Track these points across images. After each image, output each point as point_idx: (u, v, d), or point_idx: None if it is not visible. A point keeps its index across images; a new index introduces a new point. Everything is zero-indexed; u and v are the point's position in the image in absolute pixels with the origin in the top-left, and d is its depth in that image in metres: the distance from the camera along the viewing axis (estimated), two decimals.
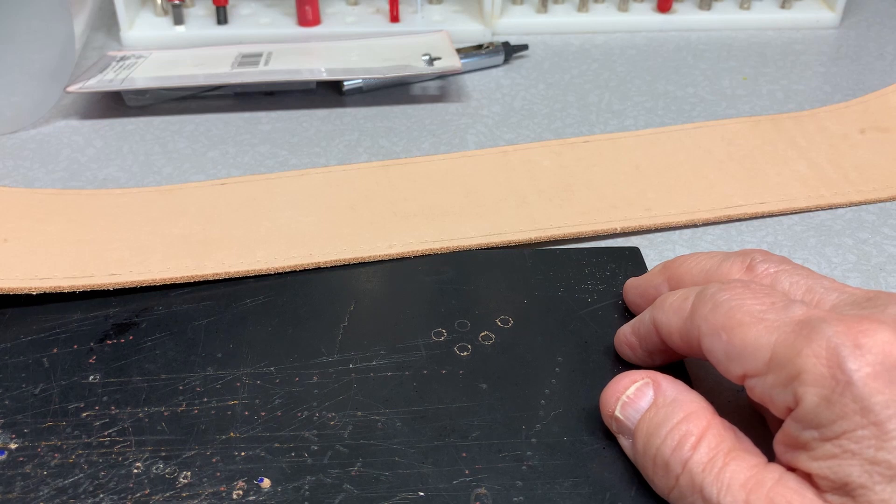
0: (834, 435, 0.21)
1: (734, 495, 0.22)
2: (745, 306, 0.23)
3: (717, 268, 0.27)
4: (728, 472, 0.22)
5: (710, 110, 0.45)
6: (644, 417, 0.24)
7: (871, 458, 0.20)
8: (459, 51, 0.48)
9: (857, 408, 0.20)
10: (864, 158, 0.40)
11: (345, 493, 0.25)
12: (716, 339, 0.23)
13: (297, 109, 0.46)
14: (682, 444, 0.23)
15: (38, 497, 0.25)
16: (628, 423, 0.25)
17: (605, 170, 0.40)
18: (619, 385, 0.25)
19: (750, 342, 0.22)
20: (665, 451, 0.23)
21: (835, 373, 0.21)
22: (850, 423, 0.20)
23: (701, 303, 0.24)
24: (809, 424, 0.21)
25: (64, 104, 0.46)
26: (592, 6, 0.55)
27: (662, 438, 0.23)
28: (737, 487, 0.22)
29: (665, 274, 0.29)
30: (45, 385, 0.28)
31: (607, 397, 0.26)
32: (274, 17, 0.54)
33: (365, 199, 0.38)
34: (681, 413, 0.24)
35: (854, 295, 0.24)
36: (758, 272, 0.26)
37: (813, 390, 0.21)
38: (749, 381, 0.23)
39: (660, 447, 0.23)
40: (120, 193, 0.39)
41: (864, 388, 0.20)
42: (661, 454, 0.23)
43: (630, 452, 0.25)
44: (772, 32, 0.54)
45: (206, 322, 0.31)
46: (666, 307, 0.26)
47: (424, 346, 0.30)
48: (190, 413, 0.27)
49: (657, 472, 0.23)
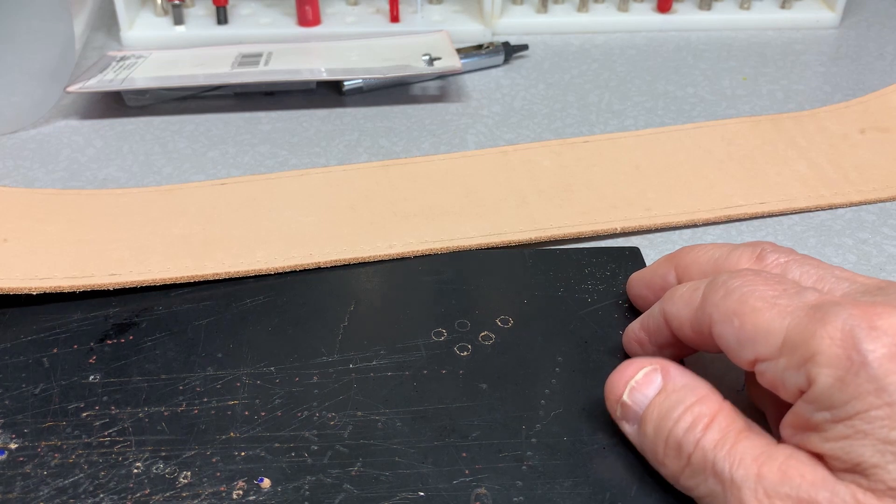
0: (847, 416, 0.21)
1: (746, 468, 0.22)
2: (758, 292, 0.23)
3: (727, 258, 0.27)
4: (740, 448, 0.22)
5: (710, 110, 0.45)
6: (654, 402, 0.24)
7: (884, 438, 0.20)
8: (459, 51, 0.48)
9: (872, 388, 0.20)
10: (864, 158, 0.40)
11: (345, 493, 0.25)
12: (727, 325, 0.23)
13: (297, 109, 0.46)
14: (695, 424, 0.23)
15: (38, 497, 0.25)
16: (636, 408, 0.25)
17: (605, 170, 0.40)
18: (627, 371, 0.25)
19: (762, 326, 0.23)
20: (678, 432, 0.23)
21: (850, 353, 0.21)
22: (864, 403, 0.20)
23: (712, 290, 0.24)
24: (822, 406, 0.21)
25: (64, 104, 0.46)
26: (592, 6, 0.55)
27: (675, 421, 0.23)
28: (749, 461, 0.22)
29: (672, 264, 0.29)
30: (45, 385, 0.28)
31: (614, 382, 0.26)
32: (274, 17, 0.54)
33: (365, 199, 0.38)
34: (692, 397, 0.24)
35: (865, 284, 0.24)
36: (767, 262, 0.26)
37: (827, 371, 0.21)
38: (760, 365, 0.23)
39: (672, 429, 0.23)
40: (120, 193, 0.39)
41: (880, 368, 0.20)
42: (674, 436, 0.23)
43: (635, 438, 0.25)
44: (772, 32, 0.54)
45: (206, 322, 0.31)
46: (676, 298, 0.26)
47: (424, 346, 0.30)
48: (190, 413, 0.27)
49: (668, 454, 0.24)
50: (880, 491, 0.20)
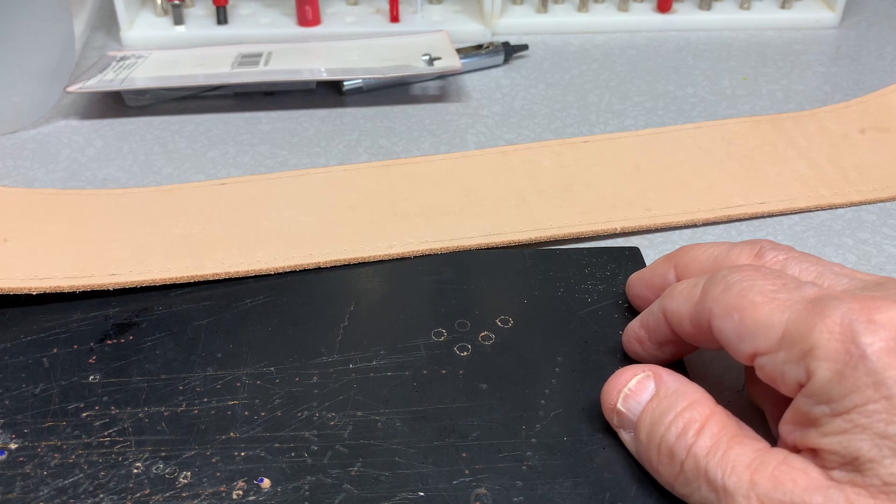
0: (845, 409, 0.21)
1: (739, 476, 0.22)
2: (757, 286, 0.23)
3: (726, 255, 0.27)
4: (732, 455, 0.22)
5: (710, 110, 0.45)
6: (647, 408, 0.24)
7: (881, 433, 0.20)
8: (459, 51, 0.48)
9: (870, 381, 0.20)
10: (864, 158, 0.40)
11: (345, 493, 0.25)
12: (727, 320, 0.23)
13: (297, 109, 0.46)
14: (686, 430, 0.23)
15: (38, 497, 0.25)
16: (630, 416, 0.25)
17: (605, 170, 0.40)
18: (620, 379, 0.25)
19: (762, 320, 0.23)
20: (669, 438, 0.23)
21: (848, 347, 0.21)
22: (862, 397, 0.20)
23: (712, 285, 0.24)
24: (821, 399, 0.21)
25: (64, 104, 0.46)
26: (592, 6, 0.55)
27: (666, 426, 0.23)
28: (741, 468, 0.22)
29: (671, 263, 0.29)
30: (45, 385, 0.28)
31: (608, 391, 0.26)
32: (274, 17, 0.54)
33: (365, 199, 0.38)
34: (684, 402, 0.24)
35: (864, 280, 0.24)
36: (766, 259, 0.26)
37: (825, 365, 0.21)
38: (759, 359, 0.23)
39: (664, 435, 0.23)
40: (120, 193, 0.39)
41: (878, 362, 0.20)
42: (666, 442, 0.23)
43: (632, 446, 0.25)
44: (772, 32, 0.54)
45: (206, 322, 0.31)
46: (675, 294, 0.26)
47: (424, 346, 0.30)
48: (190, 413, 0.27)
49: (662, 460, 0.24)
50: (875, 488, 0.20)
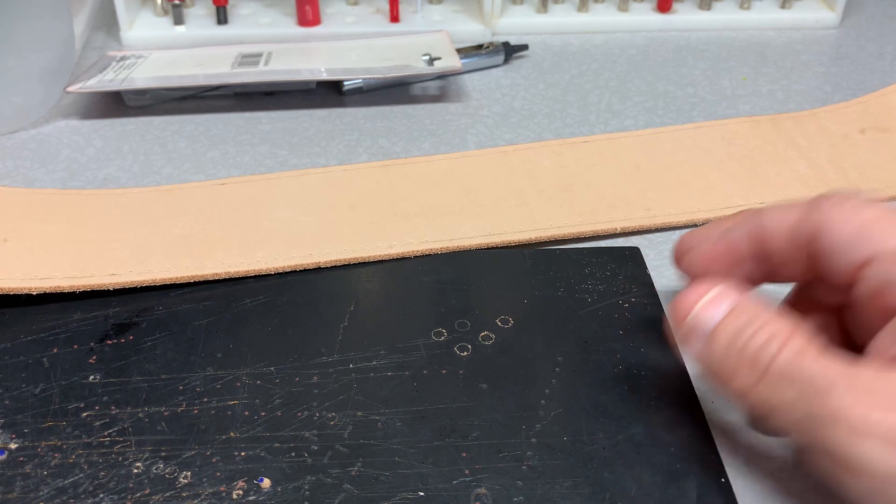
0: None
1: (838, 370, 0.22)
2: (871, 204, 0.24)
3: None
4: (825, 358, 0.22)
5: (710, 110, 0.45)
6: (727, 319, 0.24)
7: None
8: (459, 51, 0.48)
9: None
10: (864, 158, 0.40)
11: (345, 493, 0.25)
12: (840, 226, 0.24)
13: (297, 109, 0.46)
14: (772, 339, 0.23)
15: (38, 497, 0.25)
16: (705, 326, 0.25)
17: (605, 170, 0.40)
18: (696, 290, 0.25)
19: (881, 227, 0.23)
20: (753, 344, 0.23)
21: None
22: None
23: (824, 199, 0.25)
24: None
25: (64, 104, 0.46)
26: (592, 6, 0.55)
27: (751, 335, 0.23)
28: (838, 366, 0.22)
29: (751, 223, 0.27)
30: (45, 385, 0.28)
31: (683, 301, 0.25)
32: (274, 17, 0.54)
33: (365, 199, 0.38)
34: (768, 314, 0.24)
35: None
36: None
37: None
38: (869, 269, 0.23)
39: (747, 343, 0.23)
40: (120, 193, 0.39)
41: None
42: (749, 348, 0.23)
43: (703, 356, 0.25)
44: (772, 32, 0.54)
45: (206, 322, 0.31)
46: (775, 207, 0.26)
47: (424, 346, 0.30)
48: (190, 413, 0.27)
49: (741, 368, 0.23)
50: None
